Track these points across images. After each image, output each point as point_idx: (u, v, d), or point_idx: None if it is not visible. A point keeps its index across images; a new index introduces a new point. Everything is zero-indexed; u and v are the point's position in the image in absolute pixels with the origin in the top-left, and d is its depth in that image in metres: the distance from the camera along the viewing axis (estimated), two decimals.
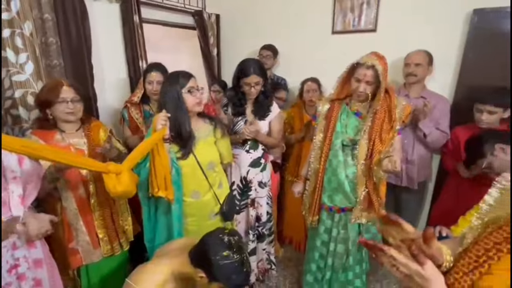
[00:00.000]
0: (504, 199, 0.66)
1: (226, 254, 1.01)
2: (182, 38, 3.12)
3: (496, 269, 0.56)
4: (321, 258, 1.74)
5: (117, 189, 1.18)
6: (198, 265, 1.04)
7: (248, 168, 1.83)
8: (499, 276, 0.55)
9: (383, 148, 1.41)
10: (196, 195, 1.47)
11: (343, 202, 1.57)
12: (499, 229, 0.61)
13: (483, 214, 0.68)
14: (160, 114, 1.30)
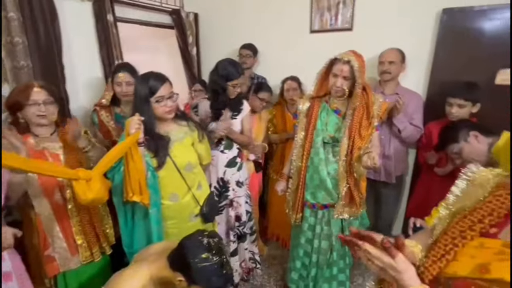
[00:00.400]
0: (469, 189, 0.68)
1: (205, 257, 0.99)
2: (160, 37, 3.06)
3: (461, 255, 0.59)
4: (306, 255, 1.76)
5: (88, 196, 1.15)
6: (177, 269, 1.02)
7: (225, 168, 1.82)
8: (463, 263, 0.58)
9: (362, 144, 1.44)
10: (175, 198, 1.45)
11: (326, 198, 1.60)
12: (464, 218, 0.64)
13: (450, 204, 0.71)
14: (134, 117, 1.26)
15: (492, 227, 0.60)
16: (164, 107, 1.34)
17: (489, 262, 0.54)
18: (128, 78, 1.74)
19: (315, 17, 2.39)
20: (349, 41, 2.23)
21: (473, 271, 0.55)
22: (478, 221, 0.61)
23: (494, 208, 0.60)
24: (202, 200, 1.56)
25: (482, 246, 0.58)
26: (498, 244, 0.56)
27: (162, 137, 1.39)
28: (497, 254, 0.54)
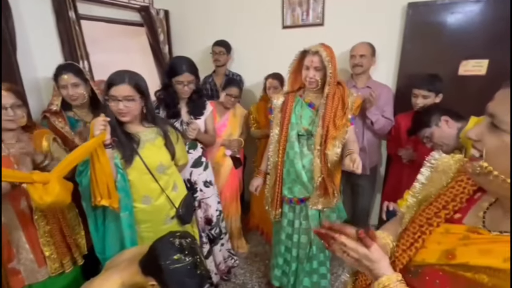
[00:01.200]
0: (433, 176, 0.70)
1: (177, 258, 0.96)
2: (130, 35, 2.96)
3: (429, 242, 0.60)
4: (287, 251, 1.77)
5: (45, 200, 1.08)
6: (149, 273, 0.98)
7: (191, 169, 1.79)
8: (431, 250, 0.59)
9: (337, 134, 1.46)
10: (147, 200, 1.40)
11: (302, 192, 1.60)
12: (430, 205, 0.65)
13: (417, 192, 0.72)
14: (98, 118, 1.20)
15: (456, 212, 0.61)
16: (115, 108, 1.26)
17: (455, 247, 0.54)
18: (73, 80, 1.60)
19: (287, 12, 2.40)
20: (321, 36, 2.22)
21: (440, 258, 0.56)
22: (443, 207, 0.62)
23: (456, 194, 0.62)
24: (178, 201, 1.51)
25: (447, 232, 0.59)
26: (462, 230, 0.57)
27: (131, 136, 1.33)
28: (462, 239, 0.55)
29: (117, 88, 1.24)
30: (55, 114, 1.66)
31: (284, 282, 1.84)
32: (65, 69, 1.62)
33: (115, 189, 1.23)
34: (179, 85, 1.65)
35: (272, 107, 1.67)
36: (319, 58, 1.40)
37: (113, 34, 2.91)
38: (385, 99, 2.03)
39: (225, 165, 2.21)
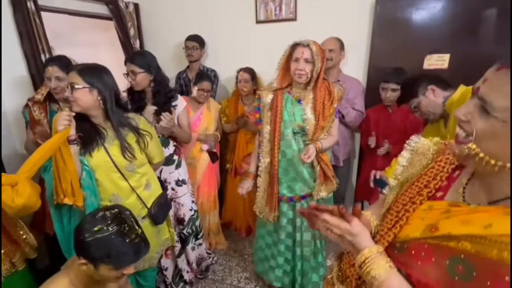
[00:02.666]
0: (413, 158, 0.74)
1: (98, 229, 0.93)
2: (99, 29, 2.83)
3: (412, 219, 0.63)
4: (288, 250, 1.73)
5: (17, 202, 1.01)
6: (79, 253, 0.96)
7: (161, 167, 1.74)
8: (414, 225, 0.61)
9: (325, 124, 1.48)
10: (116, 199, 1.34)
11: (303, 189, 1.59)
12: (412, 185, 0.68)
13: (398, 174, 0.75)
14: (62, 113, 1.14)
15: (438, 190, 0.64)
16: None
17: (437, 221, 0.57)
18: (58, 73, 1.57)
19: (260, 7, 2.39)
20: (294, 31, 2.27)
21: (424, 232, 0.58)
22: (424, 186, 0.65)
23: (436, 173, 0.65)
24: (151, 200, 1.46)
25: (430, 208, 0.62)
26: (444, 205, 0.60)
27: (98, 129, 1.27)
28: (444, 213, 0.58)
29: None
30: (38, 104, 1.64)
31: (285, 281, 1.81)
32: (52, 61, 1.60)
33: (79, 187, 1.18)
34: (128, 77, 1.62)
35: (259, 106, 1.62)
36: (310, 51, 1.41)
37: (80, 27, 2.77)
38: (355, 92, 2.09)
39: (202, 160, 2.19)
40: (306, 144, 1.49)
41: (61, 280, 0.97)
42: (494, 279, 0.45)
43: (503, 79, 0.48)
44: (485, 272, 0.47)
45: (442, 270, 0.52)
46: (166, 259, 1.86)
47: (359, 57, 2.26)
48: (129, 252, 0.96)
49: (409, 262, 0.59)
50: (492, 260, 0.46)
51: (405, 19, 2.05)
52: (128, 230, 0.97)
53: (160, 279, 1.93)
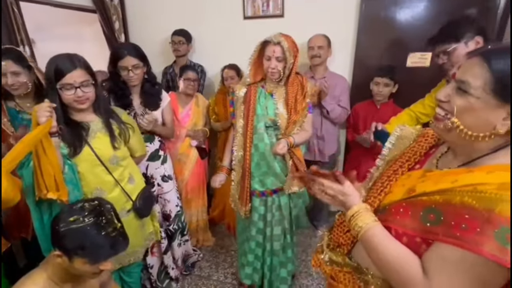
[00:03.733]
0: (398, 142, 0.87)
1: (73, 219, 0.91)
2: (83, 22, 2.78)
3: (395, 187, 0.74)
4: (258, 246, 1.72)
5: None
6: (54, 244, 0.94)
7: (147, 162, 1.71)
8: (396, 192, 0.72)
9: (297, 118, 1.49)
10: (100, 193, 1.32)
11: (275, 183, 1.58)
12: (396, 161, 0.80)
13: (385, 155, 0.87)
14: (42, 104, 1.09)
15: (416, 164, 0.77)
16: (73, 96, 1.18)
17: (415, 185, 0.68)
18: (14, 68, 1.44)
19: (248, 3, 2.39)
20: (281, 27, 2.22)
21: (403, 195, 0.68)
22: (406, 160, 0.78)
23: (416, 151, 0.79)
24: (135, 194, 1.44)
25: (409, 176, 0.74)
26: (421, 172, 0.72)
27: (80, 125, 1.24)
28: (420, 178, 0.70)
29: (71, 75, 1.15)
30: None
31: (255, 278, 1.80)
32: (4, 55, 1.44)
33: (63, 181, 1.14)
34: (124, 72, 1.54)
35: (233, 99, 1.62)
36: (281, 48, 1.39)
37: (62, 20, 2.70)
38: (341, 89, 2.12)
39: (190, 156, 2.17)
40: (279, 139, 1.49)
41: (38, 275, 0.95)
42: (457, 218, 0.56)
43: (473, 63, 0.59)
44: (450, 215, 0.57)
45: (417, 220, 0.62)
46: (152, 256, 1.84)
47: (345, 54, 2.29)
48: (105, 246, 0.93)
49: (389, 218, 0.69)
50: (456, 205, 0.56)
51: (389, 17, 2.09)
52: (106, 223, 0.95)
53: (145, 277, 1.90)
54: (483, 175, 0.57)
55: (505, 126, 0.57)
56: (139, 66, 1.56)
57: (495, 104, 0.57)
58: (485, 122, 0.58)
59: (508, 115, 0.57)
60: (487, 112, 0.58)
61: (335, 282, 0.79)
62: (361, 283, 0.73)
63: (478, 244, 0.52)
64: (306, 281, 2.05)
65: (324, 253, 0.83)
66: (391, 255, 0.64)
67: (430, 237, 0.60)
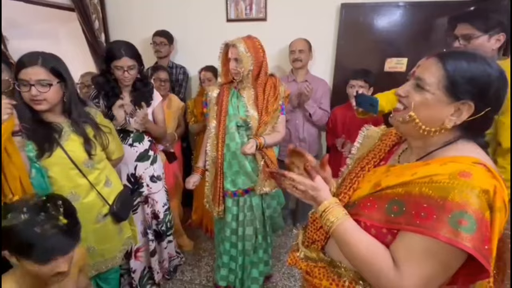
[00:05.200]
0: (364, 141, 0.92)
1: (10, 217, 0.86)
2: (60, 20, 2.69)
3: (362, 183, 0.79)
4: (233, 247, 1.74)
5: None
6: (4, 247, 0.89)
7: (135, 163, 1.68)
8: (363, 187, 0.76)
9: (268, 119, 1.51)
10: (75, 198, 1.26)
11: (246, 183, 1.59)
12: (363, 159, 0.85)
13: (354, 154, 0.92)
14: (3, 101, 1.02)
15: (381, 160, 0.83)
16: (27, 94, 1.10)
17: (380, 180, 0.72)
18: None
19: (231, 5, 2.40)
20: (264, 31, 2.29)
21: (370, 190, 0.72)
22: (372, 158, 0.83)
23: (381, 148, 0.85)
24: (112, 197, 1.40)
25: (375, 172, 0.79)
26: (385, 168, 0.78)
27: (50, 125, 1.19)
28: (384, 173, 0.75)
29: (27, 71, 1.08)
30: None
31: (231, 279, 1.80)
32: None
33: (30, 183, 1.09)
34: (118, 71, 1.51)
35: (206, 101, 1.63)
36: (236, 50, 1.43)
37: (38, 17, 2.61)
38: (322, 92, 2.16)
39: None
40: (249, 139, 1.51)
41: (7, 279, 0.90)
42: (417, 208, 0.60)
43: (431, 63, 0.66)
44: (411, 205, 0.62)
45: (382, 212, 0.67)
46: (135, 260, 1.79)
47: (326, 58, 2.35)
48: (41, 244, 0.85)
49: (358, 212, 0.72)
50: (416, 195, 0.61)
51: (368, 23, 2.16)
52: (44, 219, 0.87)
53: (125, 282, 1.85)
54: (437, 167, 0.63)
55: (452, 122, 0.64)
56: (135, 66, 1.54)
57: (446, 101, 0.63)
58: (437, 117, 0.65)
59: (456, 111, 0.63)
60: (439, 108, 0.64)
61: (310, 277, 0.81)
62: (335, 276, 0.76)
63: (435, 229, 0.56)
64: (288, 282, 2.06)
65: (300, 251, 0.85)
66: (362, 247, 0.67)
67: (394, 227, 0.64)
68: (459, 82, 0.62)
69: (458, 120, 0.63)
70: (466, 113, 0.62)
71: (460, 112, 0.63)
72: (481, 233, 0.55)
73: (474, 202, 0.55)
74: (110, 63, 1.51)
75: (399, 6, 2.09)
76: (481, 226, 0.55)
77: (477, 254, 0.54)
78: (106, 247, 1.41)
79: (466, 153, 0.64)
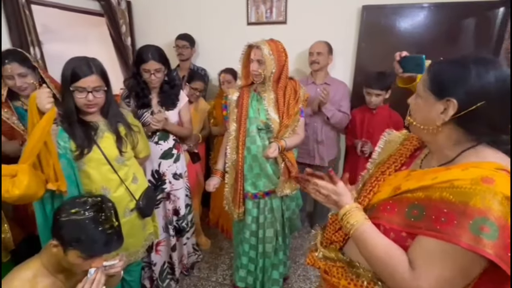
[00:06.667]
0: (386, 146, 0.93)
1: (74, 211, 0.94)
2: (90, 25, 2.83)
3: (382, 186, 0.80)
4: (252, 249, 1.74)
5: (12, 193, 1.00)
6: (53, 234, 0.97)
7: (160, 160, 1.75)
8: (383, 191, 0.77)
9: (289, 123, 1.52)
10: (105, 192, 1.34)
11: (267, 185, 1.60)
12: (384, 163, 0.86)
13: (375, 159, 0.93)
14: (43, 90, 1.10)
15: (402, 165, 0.83)
16: (83, 100, 1.22)
17: (400, 183, 0.73)
18: (19, 69, 1.46)
19: (251, 9, 2.45)
20: (284, 33, 2.30)
21: (390, 193, 0.74)
22: (393, 162, 0.84)
23: (402, 153, 0.85)
24: (138, 193, 1.47)
25: (396, 176, 0.80)
26: (406, 172, 0.79)
27: (88, 124, 1.28)
28: (405, 177, 0.76)
29: (86, 80, 1.19)
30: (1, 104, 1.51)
31: (249, 281, 1.81)
32: (8, 58, 1.45)
33: (61, 171, 1.15)
34: (146, 74, 1.61)
35: (226, 103, 1.66)
36: (260, 52, 1.44)
37: (70, 22, 2.75)
38: (341, 94, 2.15)
39: None
40: (271, 142, 1.52)
41: (33, 262, 0.98)
42: (437, 212, 0.61)
43: None
44: (431, 209, 0.62)
45: (402, 216, 0.67)
46: (156, 254, 1.86)
47: (346, 61, 2.34)
48: (99, 241, 0.95)
49: (378, 215, 0.73)
50: (436, 200, 0.62)
51: (389, 25, 2.14)
52: (104, 219, 0.97)
53: (145, 275, 1.92)
54: (458, 172, 0.63)
55: (440, 119, 0.66)
56: (161, 70, 1.63)
57: (432, 100, 0.67)
58: (428, 117, 0.69)
59: (445, 109, 0.65)
60: (428, 108, 0.69)
61: (329, 276, 0.82)
62: (353, 276, 0.77)
63: (456, 235, 0.56)
64: (304, 284, 2.06)
65: (318, 251, 0.87)
66: (380, 250, 0.68)
67: (414, 231, 0.65)
68: (438, 80, 0.66)
69: (445, 117, 0.65)
70: (452, 110, 0.64)
71: (447, 110, 0.65)
72: (503, 240, 0.54)
73: (497, 209, 0.54)
74: (140, 66, 1.61)
75: (423, 7, 2.05)
76: (503, 233, 0.54)
77: (499, 261, 0.53)
78: (130, 241, 1.47)
79: (488, 159, 0.64)
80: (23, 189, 1.02)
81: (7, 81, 1.49)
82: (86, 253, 0.95)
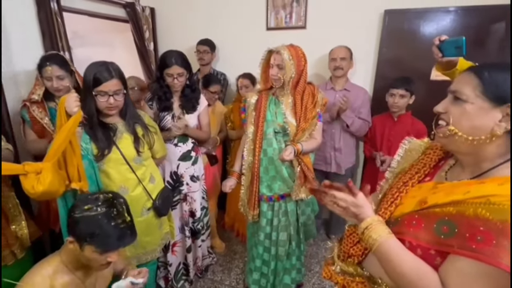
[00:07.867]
0: (406, 155, 0.88)
1: (88, 208, 0.97)
2: (115, 31, 2.96)
3: (405, 198, 0.75)
4: (266, 251, 1.75)
5: (37, 189, 1.07)
6: (68, 231, 1.00)
7: (178, 162, 1.79)
8: (407, 203, 0.73)
9: (306, 127, 1.52)
10: (124, 191, 1.39)
11: (282, 188, 1.61)
12: (406, 173, 0.81)
13: (394, 168, 0.88)
14: (72, 94, 1.17)
15: (426, 176, 0.78)
16: (105, 103, 1.28)
17: (426, 196, 0.69)
18: (58, 72, 1.56)
19: (271, 14, 2.46)
20: (303, 39, 2.29)
21: (415, 206, 0.69)
22: (415, 173, 0.79)
23: (425, 163, 0.79)
24: (155, 193, 1.51)
25: (420, 188, 0.75)
26: (432, 184, 0.73)
27: (108, 126, 1.33)
28: (431, 189, 0.71)
29: (107, 84, 1.25)
30: (36, 104, 1.61)
31: (263, 284, 1.81)
32: (49, 61, 1.56)
33: (84, 171, 1.21)
34: (169, 78, 1.66)
35: (245, 106, 1.68)
36: (280, 57, 1.46)
37: (97, 28, 2.90)
38: (361, 101, 2.10)
39: None
40: (287, 145, 1.52)
41: (54, 258, 1.02)
42: (471, 230, 0.56)
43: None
44: (464, 226, 0.58)
45: (430, 232, 0.63)
46: (172, 255, 1.89)
47: (366, 66, 2.29)
48: (113, 236, 0.98)
49: (403, 230, 0.69)
50: (470, 217, 0.57)
51: (413, 30, 2.08)
52: (116, 214, 1.00)
53: (160, 275, 1.96)
54: (495, 187, 0.58)
55: (502, 128, 0.60)
56: (183, 74, 1.69)
57: (488, 107, 0.61)
58: (481, 125, 0.62)
59: (504, 117, 0.60)
60: (481, 116, 0.62)
61: None
62: None
63: (496, 257, 0.52)
64: None
65: (336, 264, 0.84)
66: (407, 267, 0.64)
67: (445, 249, 0.60)
68: (495, 85, 0.60)
69: (508, 125, 0.60)
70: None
71: (509, 117, 0.59)
72: None
73: None
74: (163, 71, 1.66)
75: (450, 11, 1.98)
76: None
77: None
78: (147, 240, 1.51)
79: None
80: (47, 186, 1.08)
81: (46, 82, 1.59)
82: (101, 247, 0.97)
